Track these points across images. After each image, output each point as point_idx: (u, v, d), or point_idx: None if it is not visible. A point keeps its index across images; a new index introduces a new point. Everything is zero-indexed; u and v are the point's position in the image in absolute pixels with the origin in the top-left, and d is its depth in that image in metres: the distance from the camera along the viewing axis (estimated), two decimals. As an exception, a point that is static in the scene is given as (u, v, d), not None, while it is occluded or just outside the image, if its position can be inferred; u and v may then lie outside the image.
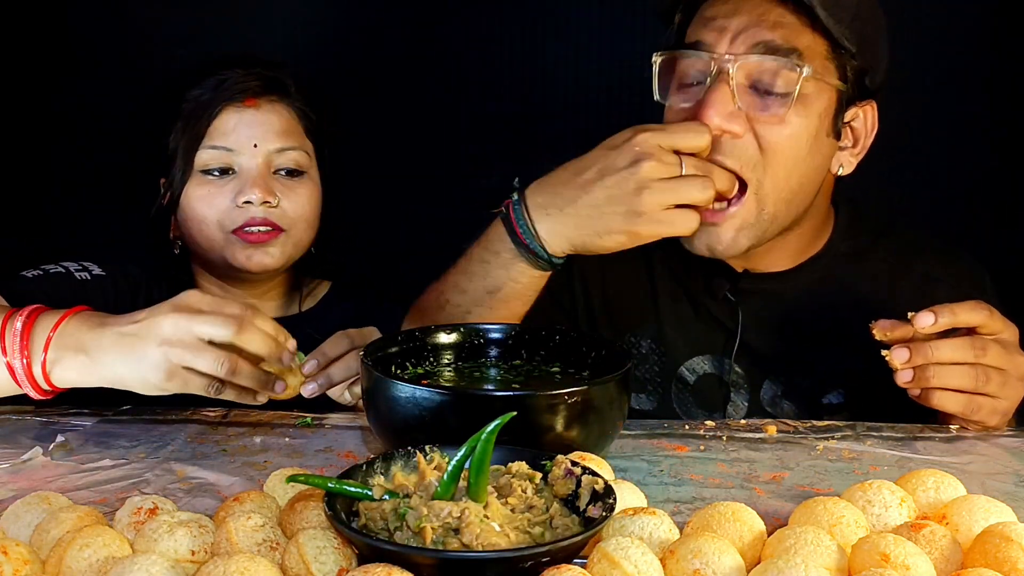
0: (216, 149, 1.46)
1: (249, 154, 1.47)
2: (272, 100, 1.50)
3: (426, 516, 0.78)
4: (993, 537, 0.81)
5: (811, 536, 0.81)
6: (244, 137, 1.47)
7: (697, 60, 1.26)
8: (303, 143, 1.53)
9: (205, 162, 1.47)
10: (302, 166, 1.51)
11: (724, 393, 1.43)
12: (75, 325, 1.10)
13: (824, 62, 1.25)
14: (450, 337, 1.17)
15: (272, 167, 1.49)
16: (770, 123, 1.23)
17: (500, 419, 0.82)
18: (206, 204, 1.47)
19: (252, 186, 1.45)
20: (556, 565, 0.74)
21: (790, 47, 1.22)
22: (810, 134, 1.25)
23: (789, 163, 1.25)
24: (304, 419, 1.24)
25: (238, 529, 0.80)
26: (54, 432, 1.17)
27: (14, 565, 0.78)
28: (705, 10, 1.29)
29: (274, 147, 1.48)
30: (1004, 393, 1.17)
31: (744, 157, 1.24)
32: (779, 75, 1.22)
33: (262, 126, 1.48)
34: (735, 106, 1.22)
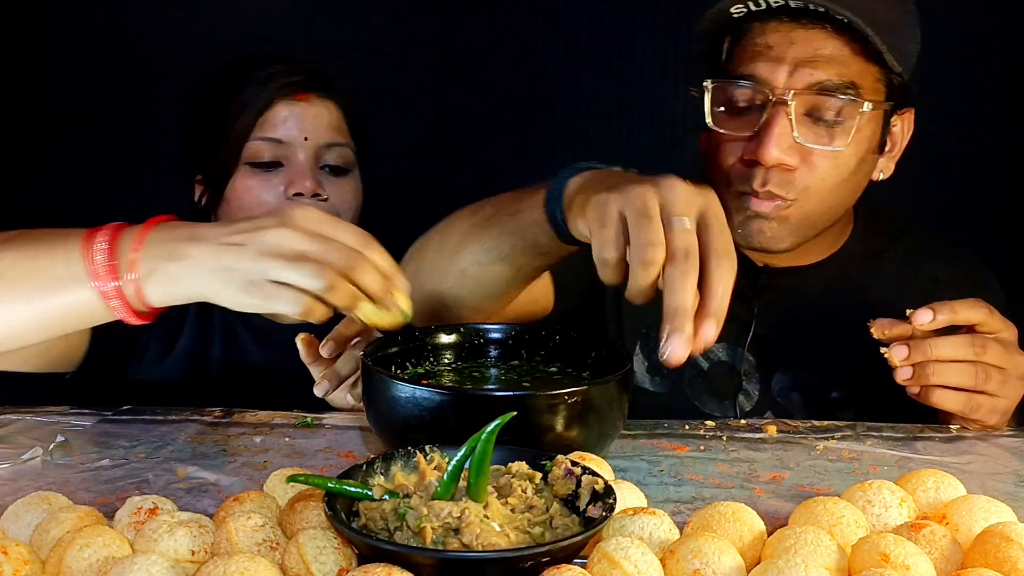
0: (266, 140, 1.46)
1: (299, 147, 1.47)
2: (321, 96, 1.51)
3: (426, 516, 0.78)
4: (993, 537, 0.81)
5: (811, 536, 0.81)
6: (295, 130, 1.47)
7: (754, 91, 1.27)
8: (349, 140, 1.54)
9: (254, 153, 1.47)
10: (348, 163, 1.52)
11: (736, 382, 1.44)
12: (165, 233, 0.99)
13: (875, 85, 1.28)
14: (450, 337, 1.17)
15: (320, 161, 1.49)
16: (824, 155, 1.27)
17: (500, 419, 0.82)
18: (255, 198, 1.47)
19: (302, 178, 1.46)
20: (556, 565, 0.74)
21: (847, 82, 1.25)
22: (859, 157, 1.29)
23: (837, 184, 1.29)
24: (304, 419, 1.24)
25: (238, 529, 0.80)
26: (54, 432, 1.17)
27: (14, 565, 0.78)
28: (756, 36, 1.29)
29: (323, 141, 1.49)
30: (1004, 392, 1.17)
31: (794, 186, 1.28)
32: (837, 111, 1.25)
33: (312, 120, 1.49)
34: (793, 140, 1.25)
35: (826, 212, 1.32)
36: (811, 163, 1.27)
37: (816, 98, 1.25)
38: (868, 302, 1.39)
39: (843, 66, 1.25)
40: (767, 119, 1.25)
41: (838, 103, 1.25)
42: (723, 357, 1.46)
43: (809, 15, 1.25)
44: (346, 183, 1.52)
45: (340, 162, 1.51)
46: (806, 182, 1.27)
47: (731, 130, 1.30)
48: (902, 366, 1.15)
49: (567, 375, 1.13)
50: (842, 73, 1.25)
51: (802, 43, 1.25)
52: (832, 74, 1.24)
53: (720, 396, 1.46)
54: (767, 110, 1.25)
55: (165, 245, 0.98)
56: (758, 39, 1.28)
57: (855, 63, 1.26)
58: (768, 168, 1.26)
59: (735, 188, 1.31)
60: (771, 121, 1.25)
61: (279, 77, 1.48)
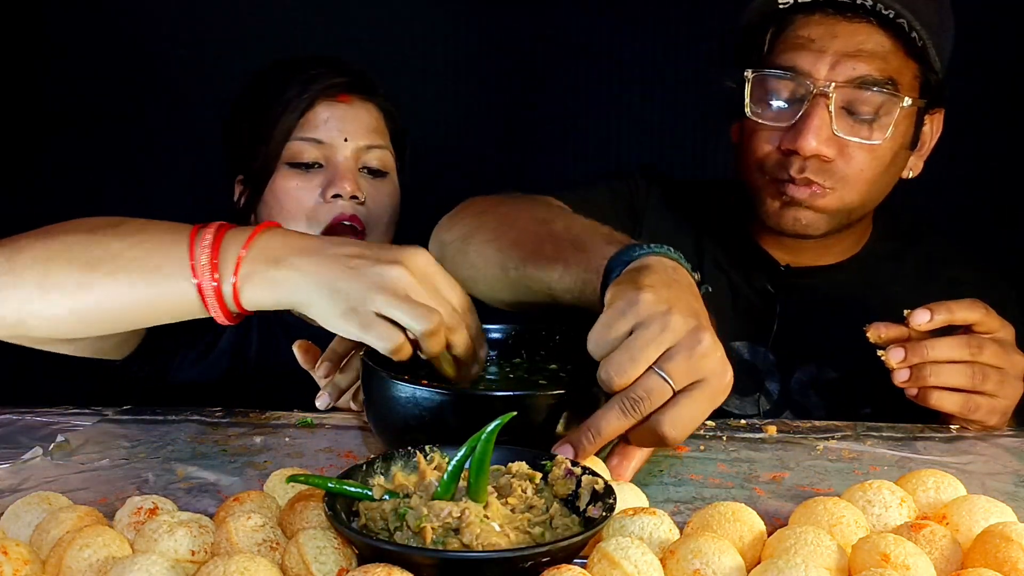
0: (307, 141, 1.47)
1: (339, 147, 1.48)
2: (363, 98, 1.52)
3: (426, 516, 0.78)
4: (993, 537, 0.81)
5: (811, 536, 0.81)
6: (336, 131, 1.48)
7: (795, 83, 1.29)
8: (388, 144, 1.54)
9: (295, 154, 1.48)
10: (387, 166, 1.53)
11: (757, 379, 1.45)
12: (274, 238, 1.00)
13: (912, 82, 1.30)
14: (450, 337, 1.17)
15: (359, 163, 1.50)
16: (861, 148, 1.29)
17: (500, 419, 0.82)
18: (294, 199, 1.47)
19: (342, 179, 1.46)
20: (556, 565, 0.74)
21: (887, 77, 1.26)
22: (895, 152, 1.32)
23: (871, 179, 1.32)
24: (304, 419, 1.24)
25: (238, 529, 0.80)
26: (54, 432, 1.17)
27: (14, 565, 0.78)
28: (800, 28, 1.30)
29: (363, 143, 1.50)
30: (1002, 392, 1.17)
31: (828, 176, 1.30)
32: (876, 105, 1.27)
33: (353, 121, 1.49)
34: (831, 131, 1.27)
35: (862, 203, 1.34)
36: (848, 155, 1.29)
37: (856, 92, 1.27)
38: (888, 302, 1.39)
39: (884, 62, 1.26)
40: (807, 110, 1.27)
41: (878, 98, 1.27)
42: (745, 356, 1.47)
43: (854, 9, 1.26)
44: (384, 186, 1.52)
45: (379, 165, 1.52)
46: (843, 173, 1.30)
47: (769, 120, 1.32)
48: (899, 368, 1.15)
49: (567, 375, 1.13)
50: (883, 69, 1.26)
51: (845, 36, 1.27)
52: (874, 69, 1.26)
53: (741, 393, 1.47)
54: (807, 101, 1.27)
55: (272, 251, 0.99)
56: (801, 31, 1.29)
57: (896, 59, 1.27)
58: (806, 158, 1.28)
59: (770, 176, 1.33)
60: (810, 112, 1.27)
61: (322, 78, 1.49)
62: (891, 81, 1.27)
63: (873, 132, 1.28)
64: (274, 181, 1.48)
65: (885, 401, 1.37)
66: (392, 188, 1.54)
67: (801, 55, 1.28)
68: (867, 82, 1.26)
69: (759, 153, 1.34)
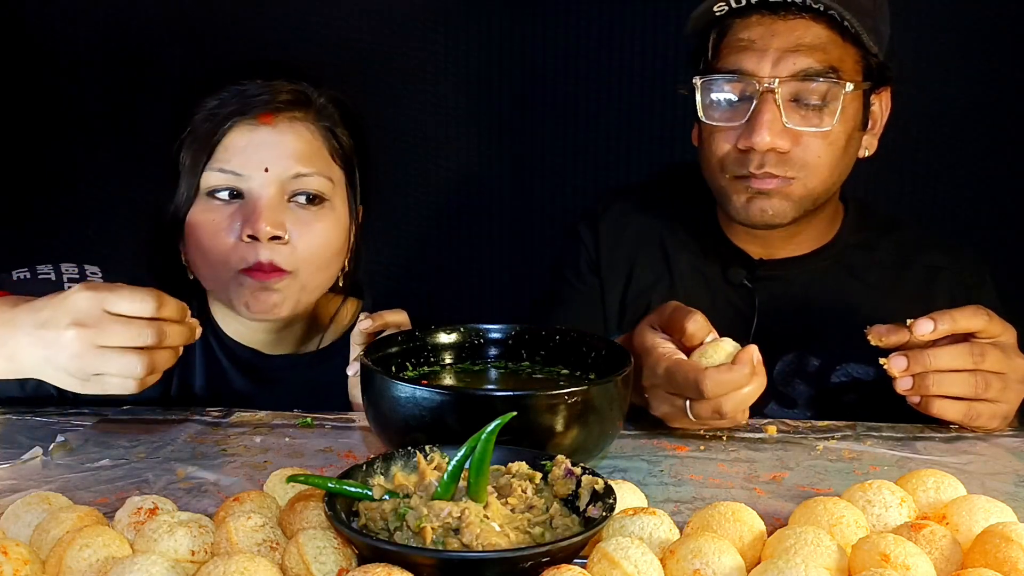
0: (223, 172, 1.29)
1: (260, 179, 1.28)
2: (293, 117, 1.32)
3: (426, 516, 0.78)
4: (993, 537, 0.81)
5: (811, 536, 0.81)
6: (254, 160, 1.28)
7: (742, 84, 1.34)
8: (326, 168, 1.33)
9: (211, 185, 1.29)
10: (323, 193, 1.32)
11: None
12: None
13: (855, 66, 1.35)
14: (450, 337, 1.17)
15: (286, 193, 1.30)
16: (814, 136, 1.34)
17: (500, 419, 0.82)
18: (209, 236, 1.29)
19: (258, 218, 1.26)
20: (556, 565, 0.74)
21: (829, 67, 1.32)
22: (847, 135, 1.36)
23: (831, 163, 1.36)
24: (304, 419, 1.24)
25: (238, 529, 0.80)
26: (54, 432, 1.17)
27: (14, 565, 0.78)
28: (740, 32, 1.35)
29: (289, 172, 1.29)
30: (1004, 397, 1.17)
31: (789, 166, 1.34)
32: (822, 94, 1.32)
33: (276, 147, 1.29)
34: (782, 125, 1.32)
35: (825, 187, 1.38)
36: (803, 144, 1.34)
37: (801, 84, 1.32)
38: (865, 287, 1.47)
39: (824, 52, 1.32)
40: (756, 108, 1.32)
41: (822, 87, 1.32)
42: None
43: (787, 7, 1.32)
44: (317, 220, 1.32)
45: (310, 196, 1.31)
46: (802, 162, 1.34)
47: (723, 121, 1.37)
48: (902, 377, 1.15)
49: (567, 375, 1.13)
50: (823, 59, 1.32)
51: (783, 34, 1.32)
52: (814, 60, 1.31)
53: None
54: (756, 99, 1.32)
55: None
56: (741, 34, 1.35)
57: (835, 48, 1.33)
58: (763, 153, 1.33)
59: (732, 174, 1.38)
60: (760, 109, 1.32)
61: (240, 96, 1.30)
62: (832, 69, 1.32)
63: (823, 119, 1.33)
64: (193, 211, 1.30)
65: (869, 388, 1.41)
66: (330, 220, 1.33)
67: (744, 56, 1.34)
68: (810, 74, 1.31)
69: (719, 153, 1.38)
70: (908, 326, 1.15)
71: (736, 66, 1.34)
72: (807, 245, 1.48)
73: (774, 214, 1.37)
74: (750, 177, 1.35)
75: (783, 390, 1.46)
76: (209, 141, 1.29)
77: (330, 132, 1.35)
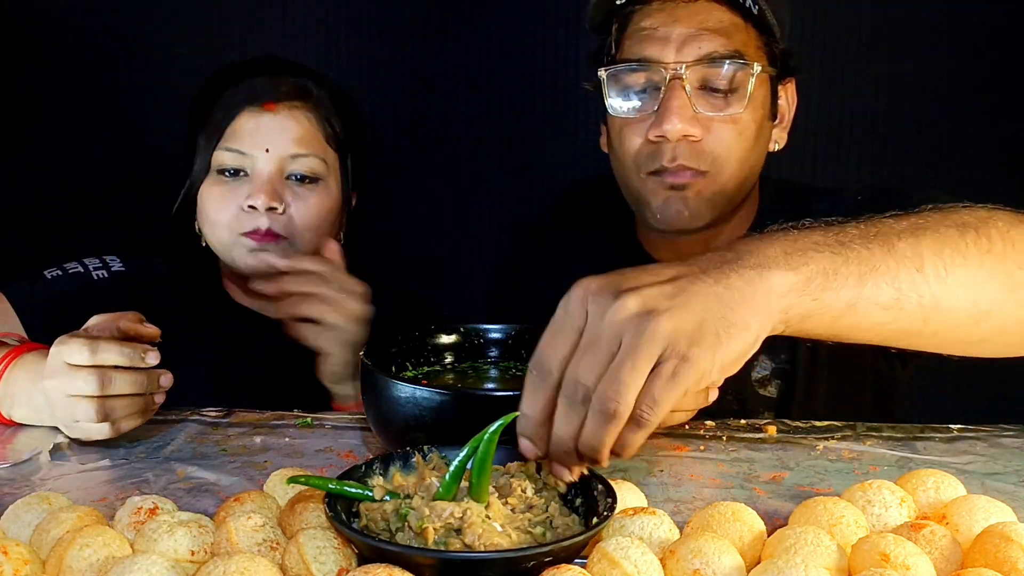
0: (231, 151, 1.47)
1: (262, 158, 1.47)
2: (293, 106, 1.49)
3: (428, 517, 0.78)
4: (993, 537, 0.81)
5: (811, 536, 0.81)
6: (258, 141, 1.47)
7: (648, 72, 1.31)
8: (321, 151, 1.51)
9: (221, 162, 1.47)
10: (317, 173, 1.50)
11: None
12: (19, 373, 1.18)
13: (759, 52, 1.33)
14: (450, 337, 1.17)
15: (285, 172, 1.48)
16: (725, 122, 1.31)
17: (503, 419, 0.82)
18: (216, 208, 1.48)
19: (259, 191, 1.45)
20: (556, 565, 0.75)
21: (733, 50, 1.30)
22: (757, 123, 1.33)
23: (743, 153, 1.33)
24: (304, 419, 1.24)
25: (238, 529, 0.80)
26: (54, 432, 1.17)
27: (14, 565, 0.78)
28: (641, 20, 1.32)
29: (288, 152, 1.48)
30: None
31: (702, 156, 1.31)
32: (729, 79, 1.29)
33: (277, 131, 1.47)
34: (692, 112, 1.29)
35: (738, 183, 1.35)
36: (714, 132, 1.31)
37: (708, 69, 1.29)
38: None
39: (727, 36, 1.30)
40: (665, 95, 1.29)
41: (729, 70, 1.29)
42: None
43: None
44: (314, 192, 1.50)
45: (306, 171, 1.49)
46: (714, 152, 1.31)
47: (632, 113, 1.33)
48: None
49: None
50: (727, 43, 1.30)
51: (686, 20, 1.30)
52: (719, 44, 1.29)
53: None
54: (663, 87, 1.29)
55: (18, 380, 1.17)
56: (643, 22, 1.32)
57: (739, 32, 1.31)
58: (675, 143, 1.29)
59: (646, 170, 1.33)
60: (669, 96, 1.29)
61: (248, 87, 1.48)
62: (738, 53, 1.29)
63: (731, 104, 1.30)
64: (204, 186, 1.49)
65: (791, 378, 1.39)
66: (323, 195, 1.51)
67: (648, 44, 1.31)
68: (715, 57, 1.29)
69: (631, 149, 1.34)
70: None
71: (640, 55, 1.31)
72: (727, 235, 1.43)
73: (691, 215, 1.33)
74: (663, 172, 1.31)
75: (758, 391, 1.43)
76: (220, 125, 1.48)
77: (326, 120, 1.51)
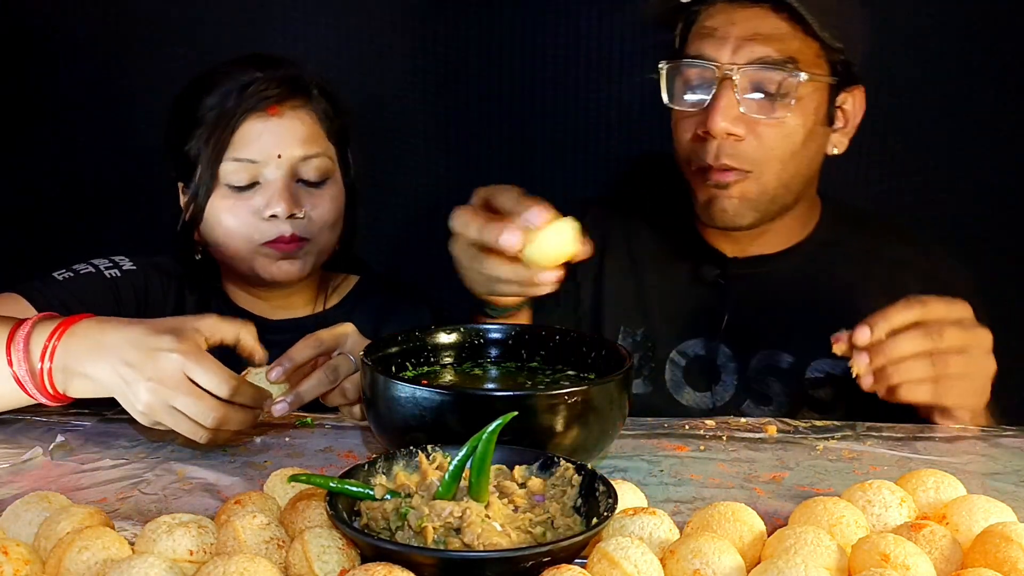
0: (240, 161, 1.44)
1: (274, 165, 1.44)
2: (295, 106, 1.47)
3: (427, 516, 0.78)
4: (993, 537, 0.81)
5: (811, 536, 0.81)
6: (268, 147, 1.44)
7: (702, 69, 1.37)
8: (326, 148, 1.50)
9: (230, 174, 1.44)
10: (326, 173, 1.49)
11: (714, 373, 1.49)
12: (77, 341, 1.08)
13: (816, 60, 1.37)
14: (450, 337, 1.17)
15: (296, 176, 1.47)
16: (770, 125, 1.35)
17: (501, 419, 0.83)
18: (232, 216, 1.45)
19: (279, 200, 1.43)
20: (556, 565, 0.75)
21: (786, 57, 1.34)
22: (806, 129, 1.38)
23: (787, 156, 1.38)
24: (304, 419, 1.24)
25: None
26: (54, 432, 1.17)
27: (14, 565, 0.78)
28: (705, 19, 1.39)
29: (298, 155, 1.46)
30: (971, 370, 1.18)
31: (745, 155, 1.36)
32: (778, 83, 1.35)
33: (286, 134, 1.45)
34: (738, 111, 1.34)
35: (784, 186, 1.39)
36: (759, 134, 1.35)
37: (758, 73, 1.34)
38: (833, 286, 1.48)
39: (782, 42, 1.34)
40: (715, 94, 1.35)
41: (779, 76, 1.34)
42: (700, 351, 1.50)
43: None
44: (325, 193, 1.49)
45: (317, 176, 1.48)
46: (756, 153, 1.36)
47: (685, 107, 1.40)
48: (866, 375, 1.17)
49: (567, 375, 1.13)
50: (781, 49, 1.34)
51: (743, 22, 1.35)
52: (772, 50, 1.34)
53: (699, 389, 1.50)
54: (715, 86, 1.35)
55: (76, 354, 1.08)
56: (705, 22, 1.39)
57: (795, 39, 1.35)
58: (720, 141, 1.35)
59: (694, 165, 1.40)
60: (718, 95, 1.35)
61: (250, 91, 1.44)
62: (791, 60, 1.34)
63: (777, 109, 1.35)
64: (213, 199, 1.46)
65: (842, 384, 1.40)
66: (334, 192, 1.51)
67: (706, 43, 1.37)
68: (767, 63, 1.34)
69: (683, 141, 1.41)
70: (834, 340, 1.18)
71: (698, 52, 1.37)
72: (780, 243, 1.49)
73: (733, 215, 1.39)
74: (709, 170, 1.37)
75: (757, 387, 1.47)
76: (224, 135, 1.43)
77: (324, 115, 1.51)
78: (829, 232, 1.52)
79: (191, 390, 1.05)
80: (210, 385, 1.05)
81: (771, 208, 1.41)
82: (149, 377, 1.05)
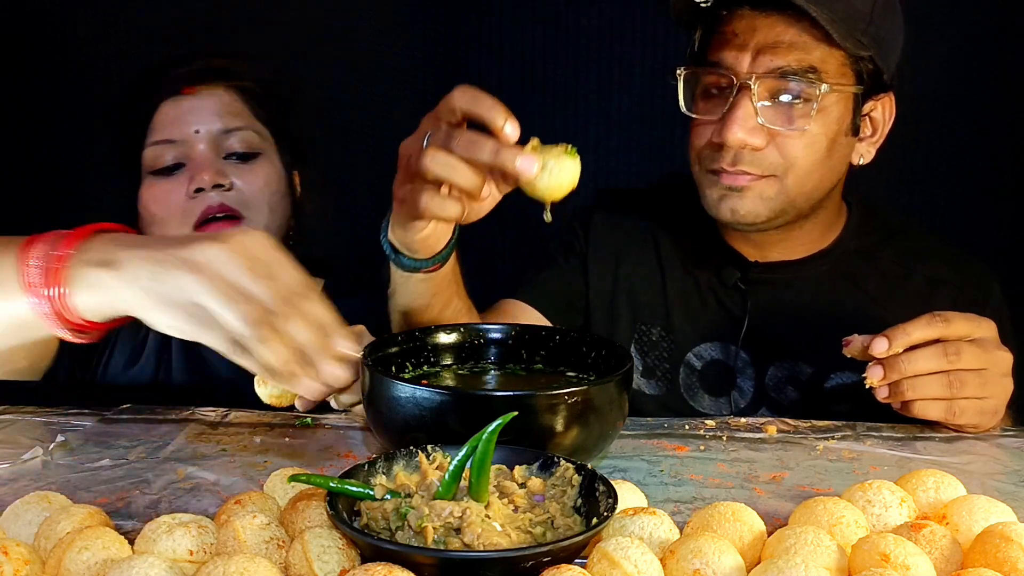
0: (159, 144, 1.42)
1: (194, 141, 1.41)
2: (213, 86, 1.45)
3: (428, 516, 0.78)
4: (993, 537, 0.81)
5: (811, 536, 0.81)
6: (186, 125, 1.41)
7: (720, 76, 1.34)
8: (252, 123, 1.47)
9: (153, 160, 1.42)
10: (254, 147, 1.46)
11: (730, 379, 1.46)
12: (106, 240, 0.91)
13: (841, 69, 1.32)
14: (450, 337, 1.17)
15: (221, 151, 1.43)
16: (790, 136, 1.32)
17: (501, 419, 0.83)
18: (160, 204, 1.42)
19: (200, 172, 1.40)
20: (556, 565, 0.75)
21: (807, 67, 1.30)
22: (829, 139, 1.33)
23: (809, 166, 1.33)
24: (304, 419, 1.24)
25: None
26: (54, 432, 1.17)
27: (14, 565, 0.78)
28: (724, 25, 1.35)
29: (217, 127, 1.43)
30: (987, 392, 1.17)
31: (765, 165, 1.32)
32: (798, 93, 1.30)
33: (202, 111, 1.43)
34: (756, 122, 1.30)
35: (806, 192, 1.35)
36: (779, 144, 1.32)
37: (777, 82, 1.30)
38: (862, 296, 1.44)
39: (804, 52, 1.30)
40: (732, 102, 1.31)
41: (798, 86, 1.30)
42: (717, 355, 1.48)
43: (772, 4, 1.30)
44: (256, 168, 1.45)
45: (244, 147, 1.44)
46: (777, 161, 1.32)
47: (702, 114, 1.37)
48: (880, 386, 1.16)
49: (567, 375, 1.13)
50: (802, 58, 1.30)
51: (764, 30, 1.31)
52: (792, 59, 1.30)
53: (715, 394, 1.47)
54: (732, 94, 1.31)
55: (98, 253, 0.89)
56: (725, 28, 1.35)
57: (818, 48, 1.30)
58: (737, 149, 1.31)
59: (707, 167, 1.37)
60: (735, 104, 1.31)
61: (159, 78, 1.44)
62: (812, 70, 1.30)
63: (796, 120, 1.31)
64: (142, 193, 1.43)
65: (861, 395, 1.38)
66: (267, 169, 1.46)
67: (725, 50, 1.33)
68: (787, 72, 1.30)
69: (696, 146, 1.38)
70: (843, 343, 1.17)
71: (717, 59, 1.34)
72: (804, 248, 1.45)
73: (745, 213, 1.35)
74: (721, 172, 1.34)
75: (774, 396, 1.45)
76: (140, 122, 1.42)
77: (250, 93, 1.48)
78: (858, 239, 1.47)
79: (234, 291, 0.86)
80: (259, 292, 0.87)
81: (787, 211, 1.36)
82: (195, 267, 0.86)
